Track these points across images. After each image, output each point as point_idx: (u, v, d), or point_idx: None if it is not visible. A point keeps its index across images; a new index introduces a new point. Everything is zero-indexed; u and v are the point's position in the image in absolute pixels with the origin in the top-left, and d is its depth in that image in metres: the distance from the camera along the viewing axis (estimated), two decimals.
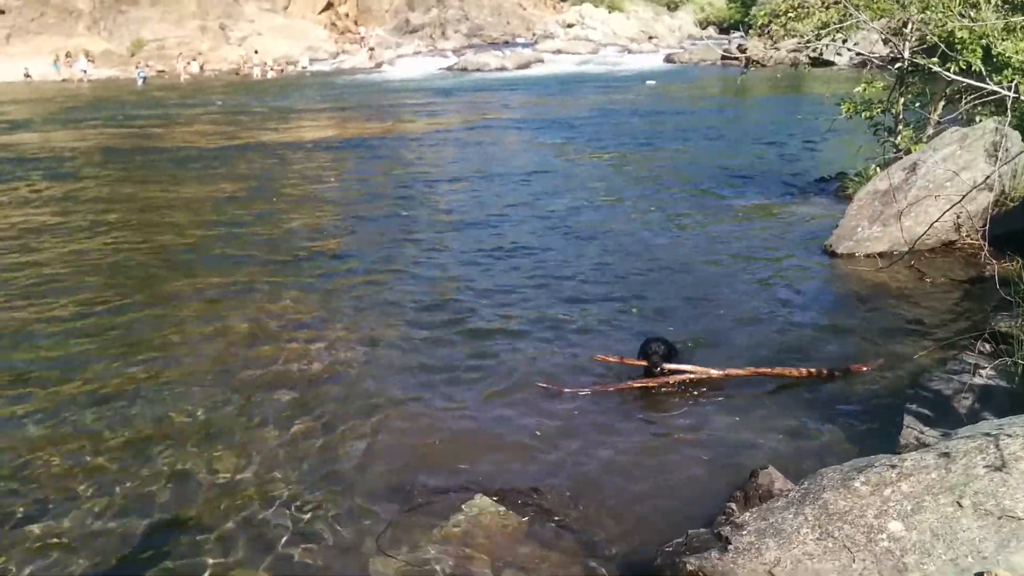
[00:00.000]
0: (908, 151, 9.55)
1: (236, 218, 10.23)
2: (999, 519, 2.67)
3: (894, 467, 2.97)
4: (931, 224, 7.28)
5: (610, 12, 54.87)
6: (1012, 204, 8.07)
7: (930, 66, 8.16)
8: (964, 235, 7.91)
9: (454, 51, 46.91)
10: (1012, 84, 5.88)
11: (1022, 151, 7.91)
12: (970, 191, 7.06)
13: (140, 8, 43.61)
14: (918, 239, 7.41)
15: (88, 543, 3.76)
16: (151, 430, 4.78)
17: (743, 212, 10.20)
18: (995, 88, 5.78)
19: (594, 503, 4.10)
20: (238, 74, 39.97)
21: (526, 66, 40.81)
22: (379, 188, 12.25)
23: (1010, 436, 2.95)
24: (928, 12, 9.28)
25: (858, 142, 11.08)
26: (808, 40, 10.36)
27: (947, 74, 6.91)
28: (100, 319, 6.62)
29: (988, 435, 3.02)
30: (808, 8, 10.35)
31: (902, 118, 10.42)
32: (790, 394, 5.20)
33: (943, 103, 10.16)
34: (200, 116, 22.72)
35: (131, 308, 6.90)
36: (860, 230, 8.12)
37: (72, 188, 12.31)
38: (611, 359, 5.43)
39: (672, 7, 59.68)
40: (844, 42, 11.23)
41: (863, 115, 10.45)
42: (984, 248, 7.20)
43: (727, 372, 5.26)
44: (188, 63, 40.43)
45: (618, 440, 4.72)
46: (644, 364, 5.27)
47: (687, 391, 5.26)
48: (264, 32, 45.56)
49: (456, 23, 52.05)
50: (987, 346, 5.09)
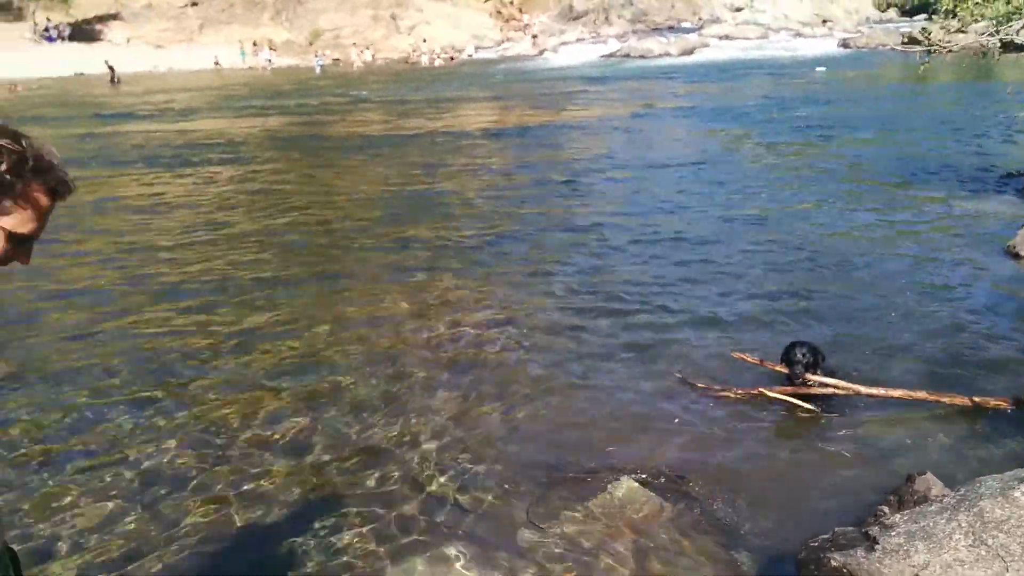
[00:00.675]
0: None
1: (401, 202, 10.81)
2: None
3: None
4: None
5: None
6: None
7: None
8: None
9: (617, 37, 46.67)
10: None
11: None
12: None
13: None
14: None
15: (262, 487, 4.21)
16: (318, 396, 5.21)
17: (918, 207, 9.71)
18: None
19: (739, 496, 4.11)
20: (407, 62, 41.63)
21: (691, 52, 40.04)
22: (540, 176, 12.50)
23: None
24: None
25: None
26: (999, 24, 9.66)
27: None
28: (275, 292, 7.24)
29: None
30: None
31: None
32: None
33: None
34: (370, 104, 23.95)
35: (304, 283, 7.50)
36: None
37: (252, 170, 13.42)
38: (751, 359, 5.19)
39: None
40: None
41: None
42: None
43: (876, 392, 4.86)
44: (361, 52, 42.50)
45: (764, 436, 4.69)
46: (784, 372, 4.97)
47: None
48: (432, 21, 47.15)
49: (620, 8, 51.67)
50: None
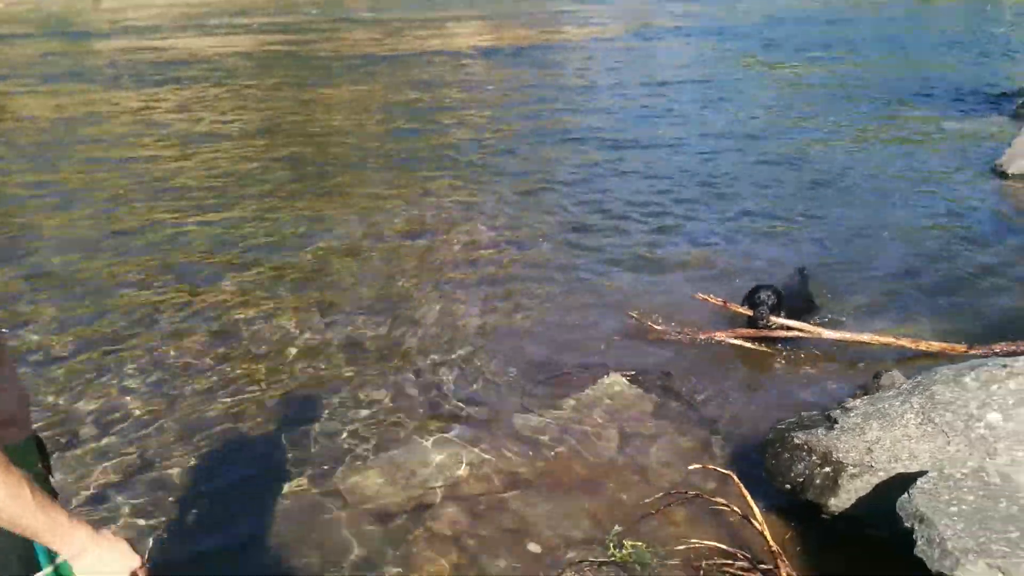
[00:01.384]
0: None
1: (396, 120, 10.91)
2: None
3: (1006, 367, 3.15)
4: None
5: None
6: None
7: None
8: None
9: None
10: None
11: None
12: None
13: None
14: None
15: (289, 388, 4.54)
16: (323, 302, 5.50)
17: (913, 126, 9.87)
18: None
19: (719, 394, 4.42)
20: None
21: None
22: (535, 95, 12.53)
23: None
24: None
25: None
26: None
27: None
28: (275, 206, 7.48)
29: None
30: None
31: None
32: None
33: None
34: (361, 22, 23.54)
35: (302, 196, 7.73)
36: None
37: (235, 91, 13.37)
38: (714, 300, 5.00)
39: None
40: None
41: None
42: None
43: (841, 335, 4.73)
44: None
45: (744, 352, 4.86)
46: (749, 314, 4.85)
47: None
48: None
49: None
50: None
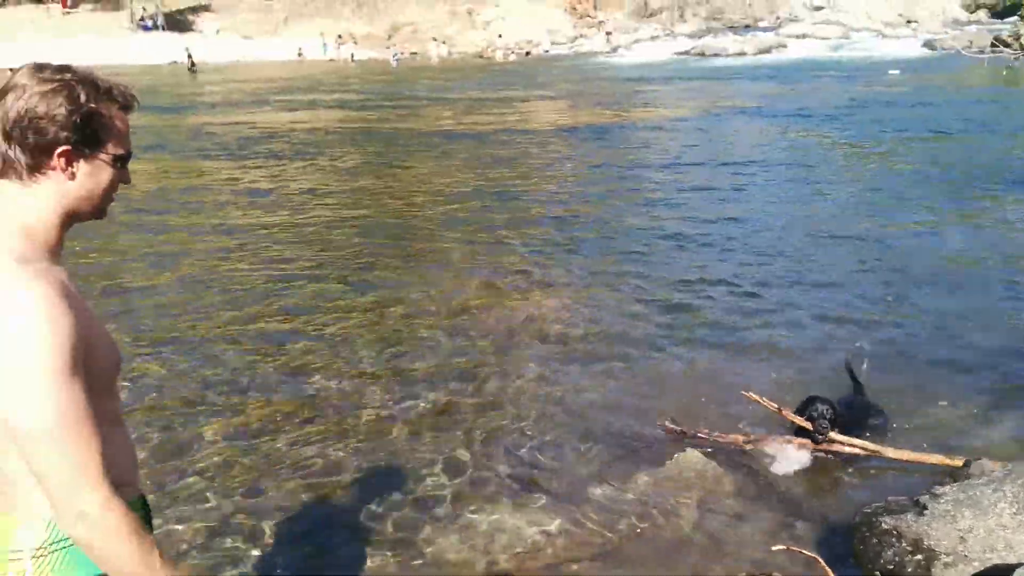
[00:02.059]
0: None
1: (476, 196, 11.21)
2: None
3: None
4: None
5: None
6: None
7: None
8: None
9: (691, 35, 46.39)
10: None
11: None
12: None
13: None
14: None
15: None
16: (401, 370, 5.64)
17: (1008, 218, 9.33)
18: None
19: (800, 472, 4.36)
20: (482, 57, 42.16)
21: (767, 51, 39.61)
22: (613, 174, 12.74)
23: None
24: None
25: None
26: None
27: None
28: (359, 274, 7.80)
29: None
30: None
31: None
32: None
33: None
34: (445, 99, 24.48)
35: (384, 267, 7.99)
36: None
37: (318, 166, 13.91)
38: (766, 404, 4.56)
39: None
40: None
41: None
42: None
43: (906, 455, 4.36)
44: (438, 46, 43.23)
45: None
46: (805, 426, 4.43)
47: None
48: (507, 16, 47.66)
49: (695, 6, 51.41)
50: None
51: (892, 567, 3.10)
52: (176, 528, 3.83)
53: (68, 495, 1.42)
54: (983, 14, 51.76)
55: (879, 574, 3.14)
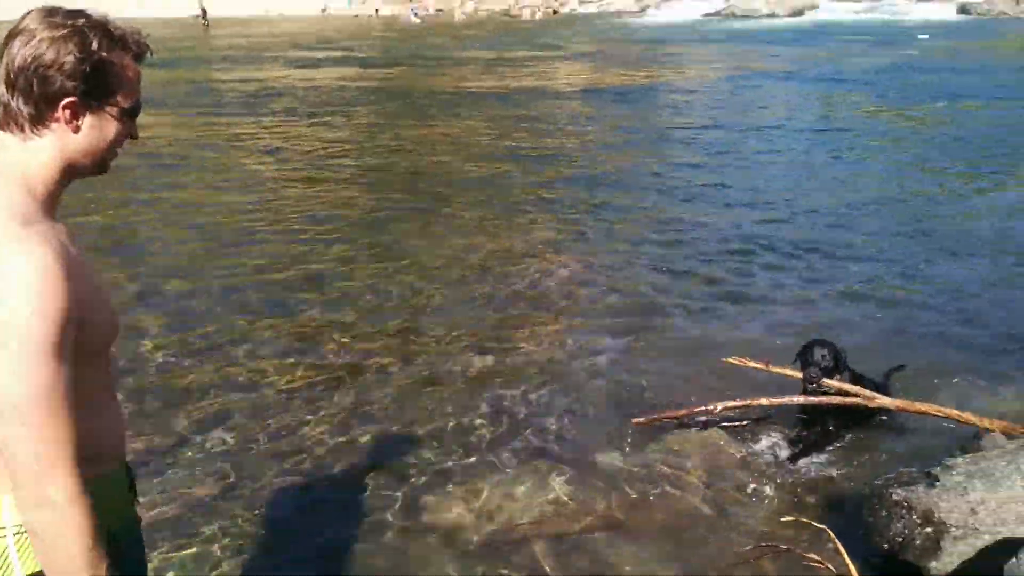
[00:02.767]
0: None
1: (499, 154, 11.15)
2: None
3: None
4: None
5: None
6: None
7: None
8: None
9: None
10: None
11: None
12: None
13: None
14: None
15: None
16: (414, 331, 5.63)
17: None
18: None
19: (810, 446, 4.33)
20: (509, 15, 41.53)
21: (799, 13, 38.73)
22: (639, 136, 12.61)
23: None
24: None
25: None
26: None
27: None
28: (377, 228, 7.84)
29: None
30: None
31: None
32: None
33: None
34: (468, 57, 24.19)
35: (402, 222, 8.01)
36: None
37: (337, 125, 13.78)
38: (754, 364, 4.45)
39: None
40: None
41: None
42: None
43: (900, 404, 4.16)
44: (463, 2, 42.64)
45: None
46: (796, 376, 4.28)
47: None
48: None
49: None
50: None
51: (901, 539, 3.08)
52: (182, 490, 3.80)
53: (35, 478, 1.34)
54: None
55: (887, 546, 3.12)
